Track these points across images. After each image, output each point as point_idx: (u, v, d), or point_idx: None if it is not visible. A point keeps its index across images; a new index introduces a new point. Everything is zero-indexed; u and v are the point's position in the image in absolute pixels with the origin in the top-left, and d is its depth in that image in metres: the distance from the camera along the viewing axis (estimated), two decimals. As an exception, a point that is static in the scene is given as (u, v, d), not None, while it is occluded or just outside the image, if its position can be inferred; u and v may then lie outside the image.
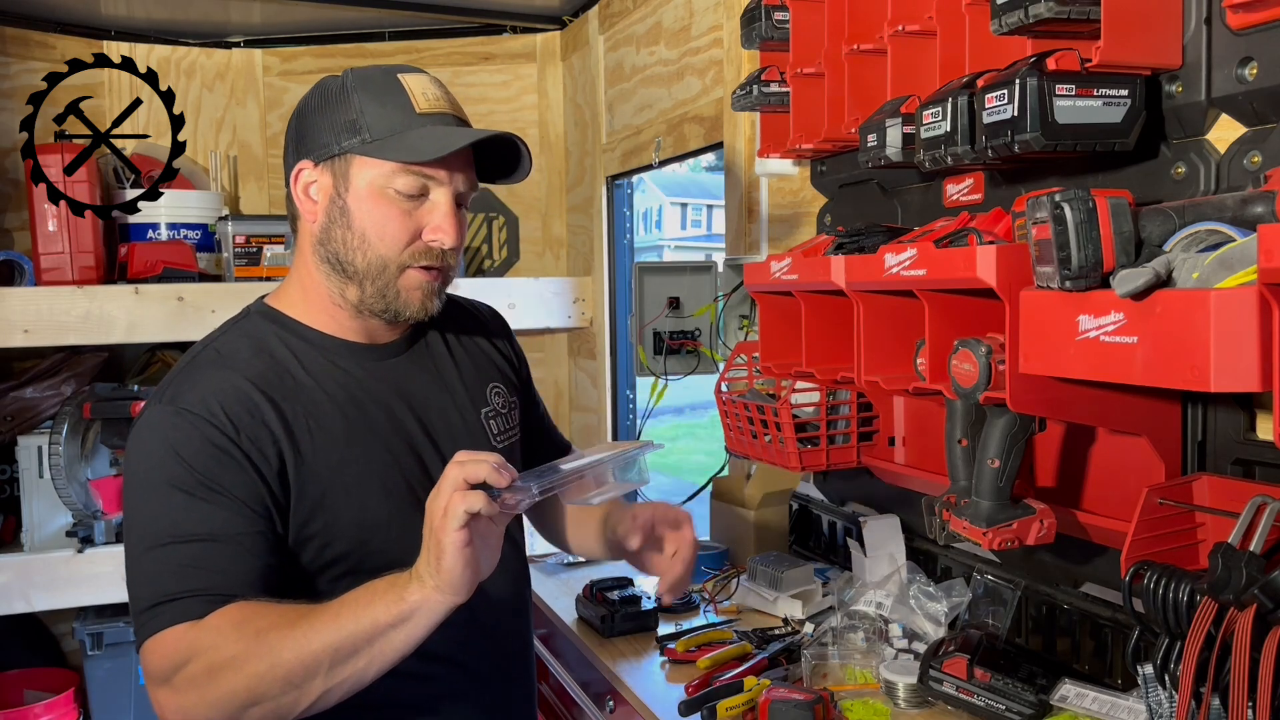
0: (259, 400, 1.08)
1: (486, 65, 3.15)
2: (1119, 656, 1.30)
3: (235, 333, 1.16)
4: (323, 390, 1.14)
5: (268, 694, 0.96)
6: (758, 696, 1.29)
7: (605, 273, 2.88)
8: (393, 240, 1.12)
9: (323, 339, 1.17)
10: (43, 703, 2.55)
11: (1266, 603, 0.90)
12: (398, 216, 1.11)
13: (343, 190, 1.12)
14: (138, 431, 1.09)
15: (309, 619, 0.97)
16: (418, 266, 1.13)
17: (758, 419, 1.72)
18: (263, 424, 1.08)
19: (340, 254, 1.13)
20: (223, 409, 1.06)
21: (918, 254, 1.25)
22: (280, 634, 0.96)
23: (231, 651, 0.96)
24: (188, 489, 1.03)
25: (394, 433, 1.17)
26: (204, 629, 0.98)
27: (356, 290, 1.14)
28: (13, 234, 2.81)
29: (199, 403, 1.06)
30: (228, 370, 1.10)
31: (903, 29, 1.43)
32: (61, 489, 2.43)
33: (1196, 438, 1.19)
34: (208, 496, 1.03)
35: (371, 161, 1.11)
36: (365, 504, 1.12)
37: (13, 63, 2.81)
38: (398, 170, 1.10)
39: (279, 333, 1.16)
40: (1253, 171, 1.09)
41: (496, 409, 1.29)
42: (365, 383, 1.17)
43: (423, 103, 1.12)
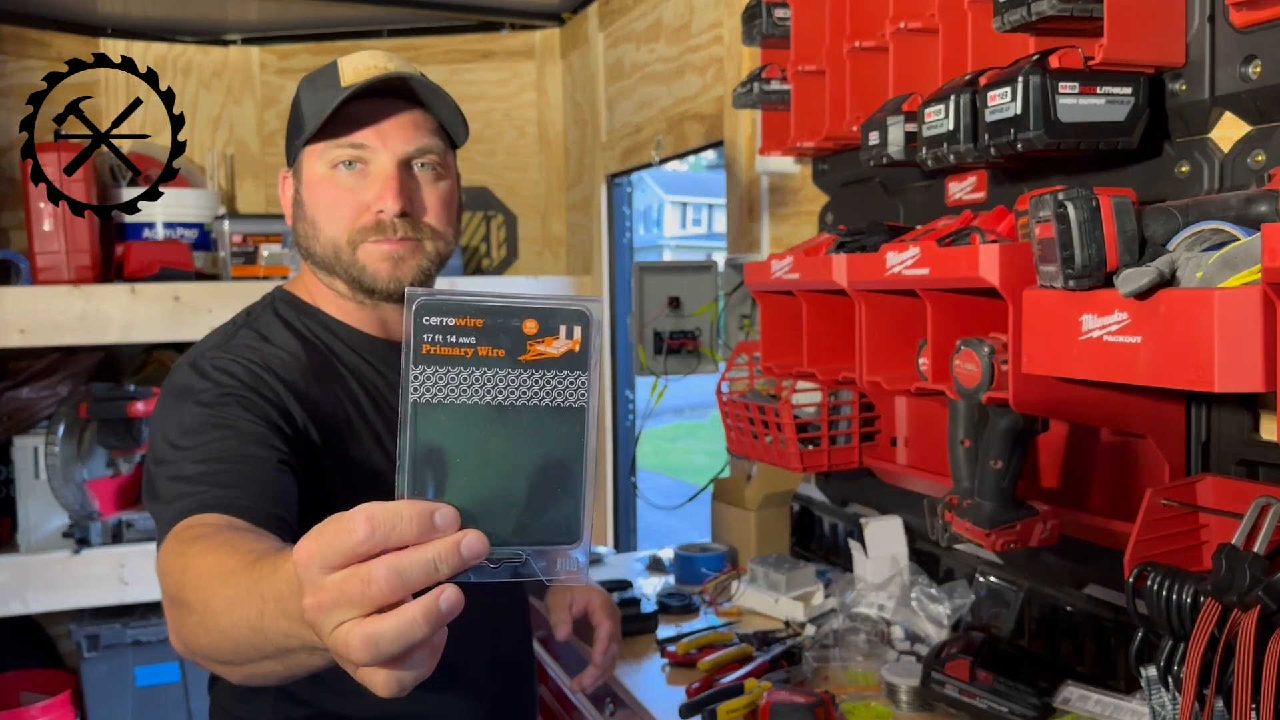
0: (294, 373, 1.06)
1: (485, 63, 3.14)
2: (1122, 658, 1.30)
3: (270, 316, 1.15)
4: (345, 379, 1.12)
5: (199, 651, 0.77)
6: (759, 699, 1.28)
7: (605, 272, 2.87)
8: (338, 219, 1.10)
9: (345, 329, 1.16)
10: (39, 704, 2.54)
11: (1270, 604, 0.90)
12: (341, 195, 1.10)
13: (299, 186, 1.14)
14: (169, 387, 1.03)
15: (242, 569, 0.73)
16: (372, 242, 1.10)
17: (759, 419, 1.71)
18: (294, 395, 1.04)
19: (305, 246, 1.14)
20: (266, 365, 1.04)
21: (920, 253, 1.24)
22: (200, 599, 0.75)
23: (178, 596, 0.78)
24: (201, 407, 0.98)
25: None
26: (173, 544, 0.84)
27: (340, 282, 1.13)
28: (9, 233, 2.80)
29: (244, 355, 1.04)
30: (266, 344, 1.09)
31: (905, 26, 1.42)
32: (57, 490, 2.42)
33: (1200, 438, 1.19)
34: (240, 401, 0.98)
35: (311, 149, 1.10)
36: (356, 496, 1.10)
37: (9, 60, 2.80)
38: (327, 146, 1.09)
39: (305, 320, 1.15)
40: (1256, 170, 1.08)
41: None
42: (388, 377, 1.15)
43: (349, 76, 1.08)
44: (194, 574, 0.77)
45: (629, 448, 2.85)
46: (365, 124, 1.08)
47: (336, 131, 1.08)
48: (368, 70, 1.08)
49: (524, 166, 3.18)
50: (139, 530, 2.49)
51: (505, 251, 3.21)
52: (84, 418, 2.44)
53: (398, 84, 1.09)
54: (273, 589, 0.66)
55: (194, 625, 0.75)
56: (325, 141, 1.09)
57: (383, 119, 1.09)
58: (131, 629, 2.57)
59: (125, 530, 2.49)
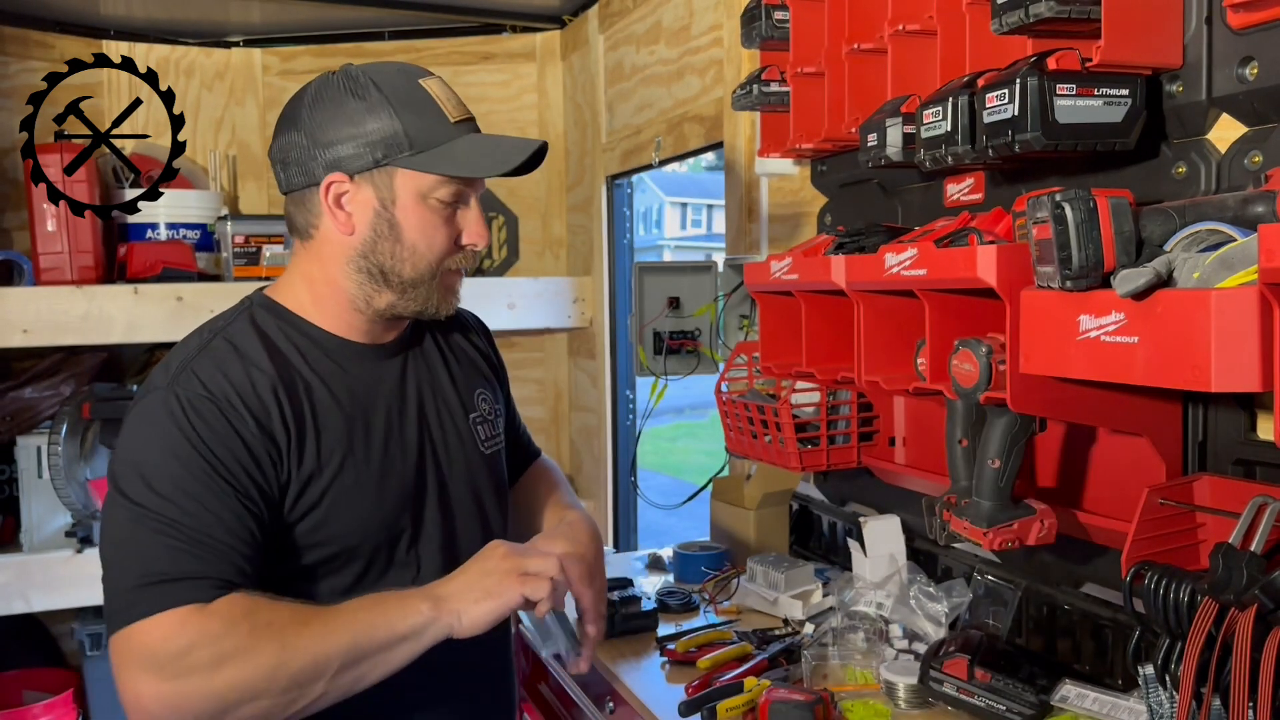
0: (271, 395, 1.08)
1: (486, 65, 3.15)
2: (1120, 657, 1.30)
3: (243, 324, 1.14)
4: (328, 389, 1.13)
5: (270, 690, 0.95)
6: (758, 697, 1.29)
7: (605, 273, 2.88)
8: (439, 249, 1.14)
9: (326, 337, 1.17)
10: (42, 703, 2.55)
11: (1267, 603, 0.90)
12: (441, 225, 1.13)
13: (389, 204, 1.11)
14: (141, 412, 1.06)
15: (323, 619, 0.99)
16: (455, 271, 1.17)
17: (758, 419, 1.72)
18: (274, 418, 1.07)
19: (386, 265, 1.13)
20: (240, 398, 1.05)
21: (918, 254, 1.25)
22: (294, 630, 0.97)
23: (242, 643, 0.95)
24: (199, 468, 1.01)
25: (393, 435, 1.17)
26: (211, 615, 0.96)
27: (392, 297, 1.15)
28: (12, 234, 2.80)
29: (219, 390, 1.05)
30: (243, 361, 1.09)
31: (903, 28, 1.43)
32: (60, 489, 2.43)
33: (1197, 438, 1.19)
34: (215, 481, 1.02)
35: (414, 174, 1.11)
36: (364, 505, 1.13)
37: (12, 62, 2.80)
38: (442, 181, 1.11)
39: (284, 328, 1.15)
40: (1253, 171, 1.09)
41: (484, 415, 1.30)
42: (367, 383, 1.18)
43: (453, 111, 1.13)
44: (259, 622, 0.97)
45: (629, 447, 2.85)
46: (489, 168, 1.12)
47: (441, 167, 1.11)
48: (460, 108, 1.14)
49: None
50: (141, 530, 2.49)
51: (506, 252, 3.21)
52: (87, 417, 2.45)
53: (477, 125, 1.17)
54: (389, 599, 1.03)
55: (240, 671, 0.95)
56: (438, 176, 1.11)
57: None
58: (134, 628, 2.58)
59: (127, 530, 2.49)
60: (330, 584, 1.11)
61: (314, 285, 1.17)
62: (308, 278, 1.17)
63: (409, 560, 1.17)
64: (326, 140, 1.10)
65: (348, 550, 1.12)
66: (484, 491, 1.26)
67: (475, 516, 1.24)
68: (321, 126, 1.10)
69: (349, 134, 1.09)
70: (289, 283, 1.19)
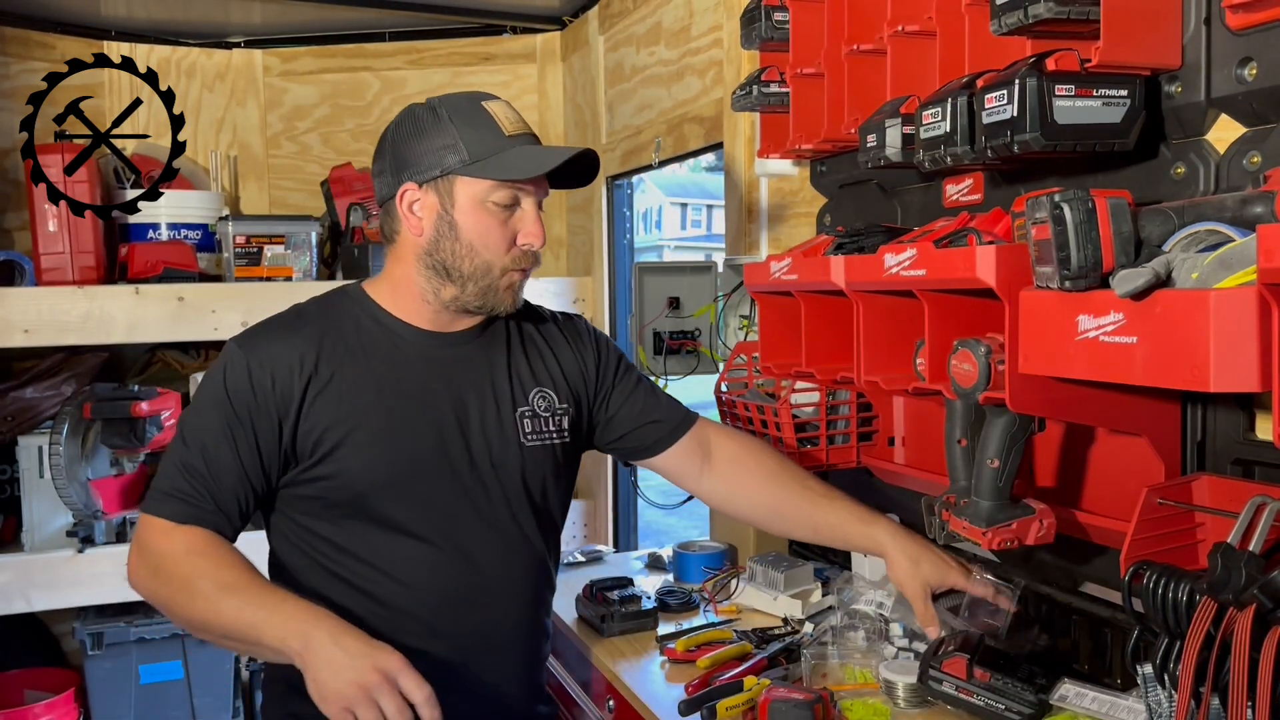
0: (302, 359, 1.27)
1: (486, 65, 3.15)
2: (1118, 656, 1.30)
3: (319, 301, 1.36)
4: (368, 360, 1.31)
5: (173, 616, 1.25)
6: (757, 696, 1.29)
7: (605, 273, 2.88)
8: (495, 247, 1.29)
9: (392, 320, 1.34)
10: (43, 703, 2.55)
11: (1266, 602, 0.90)
12: (497, 226, 1.28)
13: (449, 207, 1.28)
14: (220, 357, 1.31)
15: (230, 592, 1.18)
16: (515, 269, 1.31)
17: (757, 419, 1.72)
18: (297, 379, 1.27)
19: (449, 262, 1.29)
20: (270, 361, 1.27)
21: (917, 254, 1.25)
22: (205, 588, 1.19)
23: (172, 570, 1.21)
24: (220, 416, 1.26)
25: (422, 408, 1.32)
26: (173, 537, 1.23)
27: (455, 290, 1.31)
28: (13, 234, 2.81)
29: (256, 352, 1.28)
30: (289, 331, 1.31)
31: (902, 29, 1.43)
32: (62, 489, 2.43)
33: (1196, 438, 1.19)
34: (231, 427, 1.25)
35: (472, 180, 1.27)
36: (368, 462, 1.28)
37: (13, 62, 2.81)
38: (495, 186, 1.27)
39: (355, 311, 1.34)
40: (1252, 172, 1.09)
41: (535, 410, 1.40)
42: (414, 363, 1.33)
43: (509, 126, 1.28)
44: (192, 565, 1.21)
45: (630, 448, 2.85)
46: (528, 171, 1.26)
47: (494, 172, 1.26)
48: (519, 124, 1.30)
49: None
50: (142, 530, 2.50)
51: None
52: (88, 417, 2.45)
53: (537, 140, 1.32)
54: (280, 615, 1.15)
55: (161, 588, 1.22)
56: (492, 181, 1.26)
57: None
58: (135, 627, 2.58)
59: (129, 529, 2.50)
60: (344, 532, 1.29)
61: (395, 281, 1.35)
62: (391, 275, 1.36)
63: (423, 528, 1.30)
64: (404, 157, 1.29)
65: (355, 498, 1.28)
66: (514, 477, 1.36)
67: (507, 496, 1.36)
68: (400, 146, 1.30)
69: (421, 150, 1.28)
70: (378, 279, 1.38)
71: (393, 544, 1.29)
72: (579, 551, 2.14)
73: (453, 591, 1.31)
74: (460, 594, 1.32)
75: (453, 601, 1.31)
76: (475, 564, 1.32)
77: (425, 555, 1.30)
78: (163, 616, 2.65)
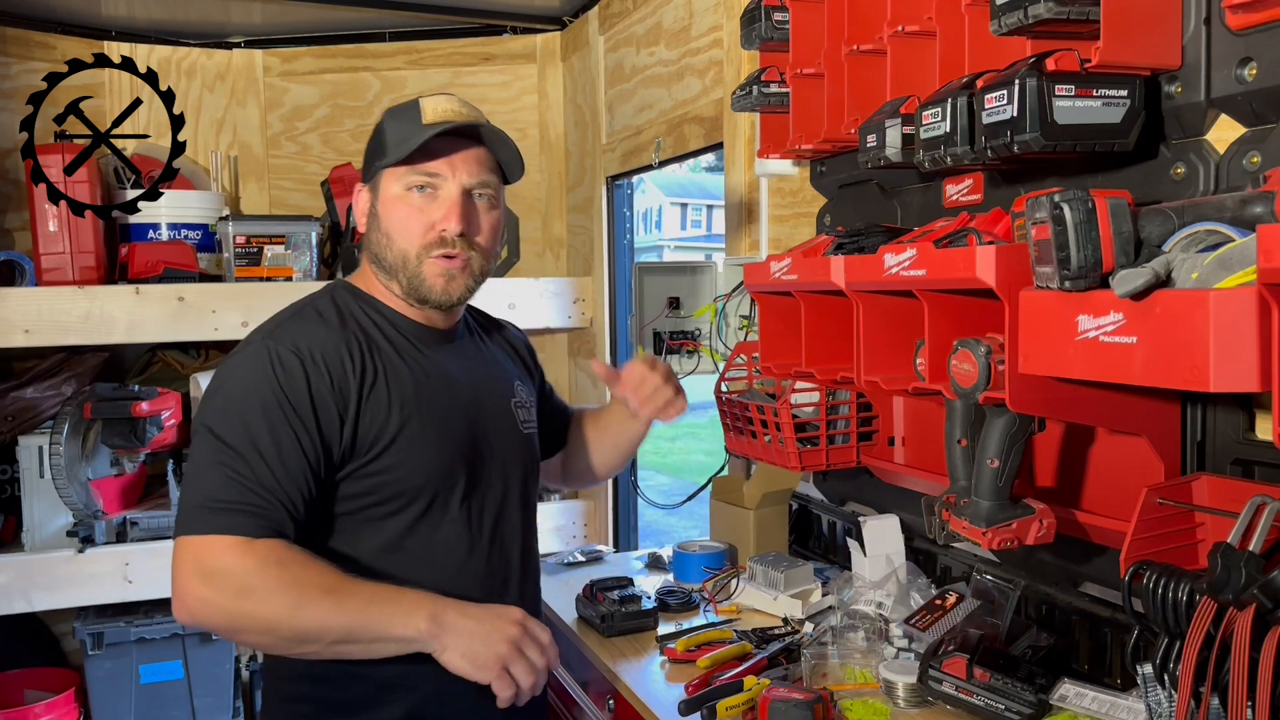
0: (349, 355, 1.26)
1: (487, 66, 3.15)
2: (1118, 656, 1.30)
3: (326, 299, 1.35)
4: (399, 354, 1.32)
5: (274, 633, 1.15)
6: (757, 696, 1.29)
7: (605, 273, 2.88)
8: (410, 234, 1.30)
9: (395, 315, 1.36)
10: (43, 703, 2.55)
11: (1266, 602, 0.90)
12: (412, 214, 1.30)
13: (376, 201, 1.33)
14: (240, 357, 1.25)
15: (339, 594, 1.14)
16: (435, 256, 1.30)
17: (757, 419, 1.72)
18: (351, 374, 1.25)
19: (377, 253, 1.33)
20: (323, 357, 1.24)
21: (917, 254, 1.25)
22: (312, 594, 1.13)
23: (266, 586, 1.13)
24: (276, 415, 1.20)
25: (453, 399, 1.35)
26: (251, 551, 1.14)
27: (397, 284, 1.33)
28: (13, 234, 2.81)
29: (305, 347, 1.24)
30: (327, 327, 1.29)
31: (902, 29, 1.43)
32: (62, 489, 2.43)
33: (1196, 438, 1.19)
34: (293, 425, 1.20)
35: (391, 171, 1.30)
36: (425, 452, 1.29)
37: (13, 63, 2.81)
38: (405, 172, 1.29)
39: (361, 305, 1.35)
40: (1252, 172, 1.09)
41: (521, 400, 1.48)
42: (431, 356, 1.36)
43: (430, 115, 1.28)
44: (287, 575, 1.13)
45: (630, 448, 2.85)
46: (439, 156, 1.28)
47: (414, 160, 1.28)
48: (446, 113, 1.29)
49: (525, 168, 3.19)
50: (143, 529, 2.50)
51: (506, 252, 3.21)
52: (88, 417, 2.45)
53: (469, 128, 1.30)
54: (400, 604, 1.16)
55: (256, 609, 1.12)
56: (405, 167, 1.28)
57: (454, 153, 1.29)
58: (135, 627, 2.58)
59: (129, 529, 2.50)
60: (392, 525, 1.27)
61: (369, 278, 1.38)
62: (364, 272, 1.39)
63: (461, 515, 1.32)
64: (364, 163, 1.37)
65: (408, 492, 1.27)
66: (516, 463, 1.42)
67: (515, 481, 1.41)
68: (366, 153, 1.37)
69: (369, 154, 1.36)
70: (363, 273, 1.40)
71: (436, 532, 1.30)
72: (579, 551, 2.14)
73: (490, 576, 1.34)
74: (496, 577, 1.35)
75: (490, 586, 1.33)
76: (504, 548, 1.37)
77: (466, 541, 1.32)
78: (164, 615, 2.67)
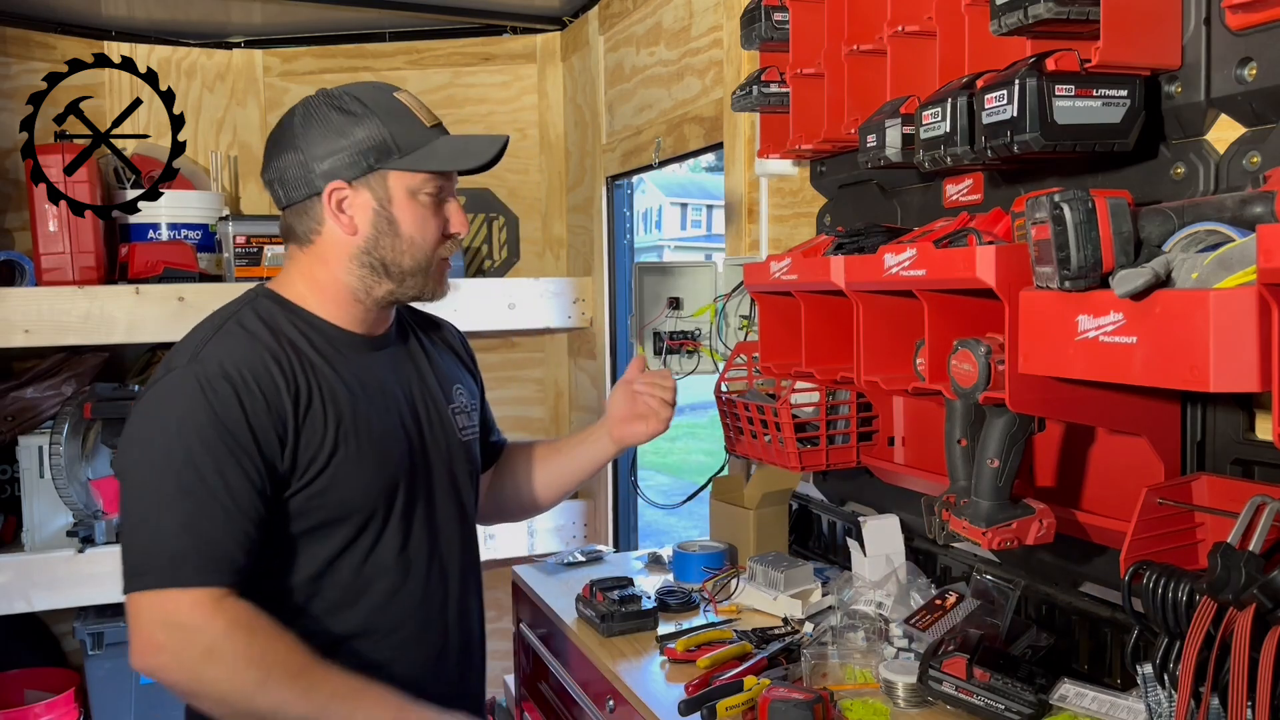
0: (282, 375, 1.20)
1: (487, 66, 3.15)
2: (1118, 656, 1.30)
3: (248, 311, 1.26)
4: (332, 368, 1.26)
5: (234, 704, 1.09)
6: (757, 696, 1.29)
7: (605, 273, 2.88)
8: (432, 239, 1.28)
9: (326, 325, 1.29)
10: (43, 703, 2.56)
11: (1266, 602, 0.90)
12: (430, 218, 1.27)
13: (386, 203, 1.25)
14: (165, 388, 1.16)
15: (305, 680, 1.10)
16: (445, 258, 1.31)
17: (757, 419, 1.72)
18: (286, 395, 1.19)
19: (389, 258, 1.26)
20: (255, 379, 1.17)
21: (917, 254, 1.25)
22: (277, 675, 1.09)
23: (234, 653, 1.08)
24: (219, 448, 1.13)
25: (389, 411, 1.30)
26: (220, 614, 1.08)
27: (391, 286, 1.28)
28: (13, 234, 2.81)
29: (234, 370, 1.16)
30: (255, 344, 1.21)
31: (902, 29, 1.43)
32: (62, 489, 2.43)
33: (1196, 438, 1.19)
34: (237, 457, 1.13)
35: (403, 174, 1.24)
36: (364, 473, 1.24)
37: (13, 63, 2.81)
38: (428, 179, 1.26)
39: (289, 316, 1.28)
40: (1252, 172, 1.09)
41: (461, 406, 1.44)
42: (364, 367, 1.30)
43: (427, 118, 1.27)
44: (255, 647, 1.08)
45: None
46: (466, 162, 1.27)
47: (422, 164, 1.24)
48: (431, 115, 1.28)
49: (525, 169, 3.19)
50: (142, 530, 2.50)
51: (506, 253, 3.22)
52: (88, 417, 2.45)
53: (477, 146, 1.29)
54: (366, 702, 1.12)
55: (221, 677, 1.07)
56: (422, 174, 1.24)
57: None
58: (135, 628, 2.58)
59: (128, 530, 2.50)
60: (326, 546, 1.23)
61: (316, 283, 1.29)
62: (308, 277, 1.30)
63: (398, 531, 1.29)
64: (321, 154, 1.23)
65: (346, 514, 1.23)
66: (460, 472, 1.40)
67: (451, 493, 1.38)
68: (314, 142, 1.23)
69: (341, 145, 1.22)
70: (288, 280, 1.31)
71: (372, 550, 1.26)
72: (579, 551, 2.13)
73: (433, 591, 1.33)
74: (438, 592, 1.34)
75: (434, 600, 1.33)
76: (444, 562, 1.35)
77: (407, 558, 1.30)
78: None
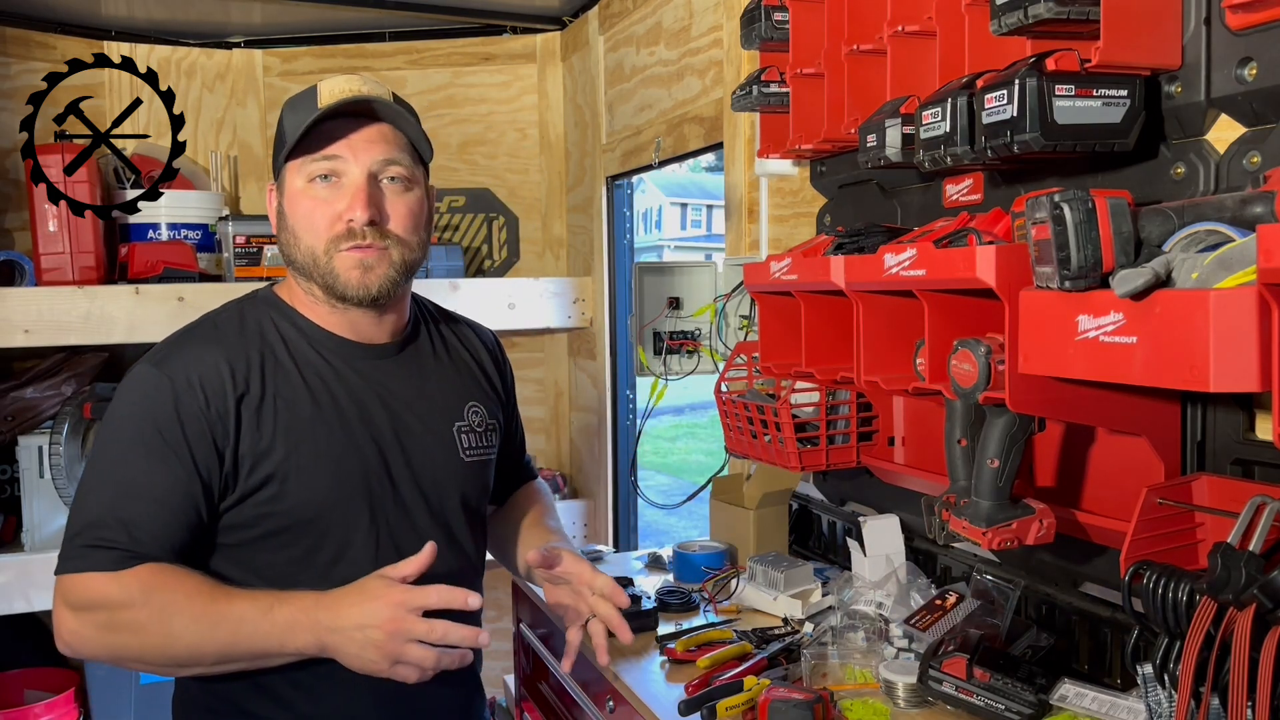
0: (230, 377, 1.17)
1: (487, 66, 3.15)
2: (1118, 656, 1.30)
3: (233, 311, 1.26)
4: (300, 374, 1.22)
5: (152, 661, 1.11)
6: (757, 696, 1.29)
7: (605, 273, 2.88)
8: (316, 229, 1.20)
9: (315, 330, 1.25)
10: (43, 702, 2.56)
11: (1266, 602, 0.90)
12: (317, 206, 1.19)
13: (283, 199, 1.23)
14: (126, 382, 1.18)
15: (211, 616, 1.08)
16: (345, 249, 1.19)
17: (757, 419, 1.72)
18: (230, 397, 1.16)
19: (287, 253, 1.23)
20: (199, 380, 1.15)
21: (917, 254, 1.25)
22: (183, 619, 1.08)
23: (134, 618, 1.08)
24: (146, 446, 1.13)
25: (361, 425, 1.24)
26: (117, 584, 1.09)
27: (316, 286, 1.23)
28: (13, 234, 2.81)
29: (179, 371, 1.16)
30: (213, 345, 1.19)
31: (902, 29, 1.43)
32: (62, 489, 2.43)
33: (1196, 438, 1.19)
34: (162, 457, 1.13)
35: (291, 164, 1.20)
36: (315, 485, 1.19)
37: (13, 63, 2.81)
38: (304, 162, 1.19)
39: (276, 318, 1.25)
40: (1252, 172, 1.09)
41: (471, 425, 1.35)
42: (346, 375, 1.25)
43: (326, 98, 1.18)
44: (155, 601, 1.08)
45: (629, 447, 2.85)
46: (337, 139, 1.18)
47: (312, 148, 1.19)
48: (342, 93, 1.18)
49: (525, 168, 3.19)
50: (142, 530, 2.50)
51: (506, 253, 3.22)
52: (88, 417, 2.45)
53: (364, 105, 1.19)
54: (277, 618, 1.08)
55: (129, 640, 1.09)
56: (303, 157, 1.19)
57: (352, 134, 1.19)
58: (134, 628, 2.58)
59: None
60: (287, 554, 1.20)
61: (296, 287, 1.27)
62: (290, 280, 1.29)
63: (367, 552, 1.22)
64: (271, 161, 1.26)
65: (301, 524, 1.19)
66: (452, 493, 1.31)
67: (436, 515, 1.29)
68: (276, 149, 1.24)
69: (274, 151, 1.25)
70: (286, 282, 1.30)
71: (336, 567, 1.20)
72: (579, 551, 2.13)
73: None
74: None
75: None
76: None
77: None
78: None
